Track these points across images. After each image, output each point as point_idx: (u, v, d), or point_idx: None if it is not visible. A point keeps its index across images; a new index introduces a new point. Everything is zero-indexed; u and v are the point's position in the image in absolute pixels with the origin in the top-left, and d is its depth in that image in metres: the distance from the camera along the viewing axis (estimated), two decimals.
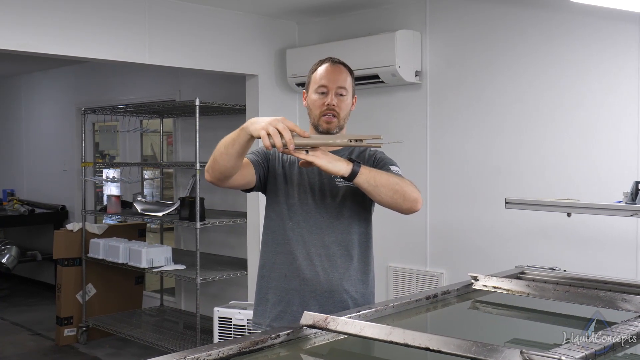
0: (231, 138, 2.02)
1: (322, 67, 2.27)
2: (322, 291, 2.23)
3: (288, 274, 2.24)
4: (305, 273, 2.23)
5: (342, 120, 2.25)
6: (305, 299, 2.22)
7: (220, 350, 1.59)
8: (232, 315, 4.28)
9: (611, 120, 3.53)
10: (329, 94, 2.22)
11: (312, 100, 2.26)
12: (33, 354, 5.49)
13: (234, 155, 2.03)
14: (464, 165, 4.14)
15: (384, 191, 2.05)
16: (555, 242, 3.71)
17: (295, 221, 2.25)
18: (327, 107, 2.22)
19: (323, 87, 2.23)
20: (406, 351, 1.61)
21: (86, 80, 7.32)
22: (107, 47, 4.06)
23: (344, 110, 2.25)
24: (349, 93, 2.27)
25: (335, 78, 2.23)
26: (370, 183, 2.04)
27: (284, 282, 2.25)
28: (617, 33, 3.48)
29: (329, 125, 2.23)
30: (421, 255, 4.35)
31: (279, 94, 4.94)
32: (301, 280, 2.23)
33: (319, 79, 2.25)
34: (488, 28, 4.02)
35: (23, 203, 7.73)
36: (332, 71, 2.25)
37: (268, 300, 2.29)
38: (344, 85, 2.24)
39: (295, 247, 2.24)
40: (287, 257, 2.25)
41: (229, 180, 2.13)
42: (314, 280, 2.22)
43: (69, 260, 5.68)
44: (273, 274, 2.28)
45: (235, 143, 2.00)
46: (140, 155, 7.01)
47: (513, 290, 2.30)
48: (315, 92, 2.25)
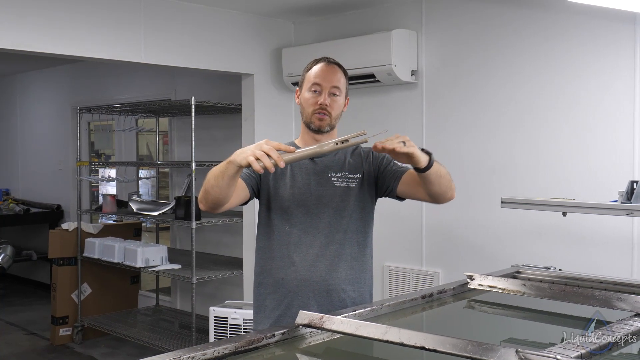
0: (220, 170, 2.01)
1: (317, 66, 2.27)
2: (320, 291, 2.21)
3: (285, 278, 2.23)
4: (304, 275, 2.21)
5: (333, 119, 2.25)
6: (304, 300, 2.20)
7: (215, 349, 1.59)
8: (228, 315, 4.27)
9: (606, 120, 3.53)
10: (322, 93, 2.22)
11: (305, 98, 2.26)
12: (28, 354, 5.47)
13: (224, 186, 2.03)
14: (459, 164, 4.14)
15: (443, 182, 2.09)
16: (551, 241, 3.71)
17: (292, 223, 2.24)
18: (319, 106, 2.22)
19: (317, 85, 2.23)
20: (402, 350, 1.60)
21: (82, 80, 7.30)
22: (102, 46, 4.05)
23: (336, 110, 2.25)
24: (342, 93, 2.27)
25: (329, 78, 2.24)
26: (437, 174, 2.05)
27: (281, 286, 2.24)
28: (612, 32, 3.48)
29: (320, 123, 2.23)
30: (417, 254, 4.36)
31: (275, 93, 4.93)
32: (299, 282, 2.21)
33: (313, 77, 2.25)
34: (484, 28, 4.02)
35: (18, 202, 7.71)
36: (327, 71, 2.25)
37: (266, 306, 2.27)
38: (338, 85, 2.24)
39: (293, 249, 2.23)
40: (283, 261, 2.24)
41: (225, 206, 2.13)
42: (312, 281, 2.21)
43: (64, 259, 5.66)
44: (270, 280, 2.26)
45: (224, 175, 2.00)
46: (136, 155, 7.00)
47: (509, 290, 2.31)
48: (308, 91, 2.25)
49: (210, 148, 5.69)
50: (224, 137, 5.64)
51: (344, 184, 2.25)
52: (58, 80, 7.68)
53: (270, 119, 4.88)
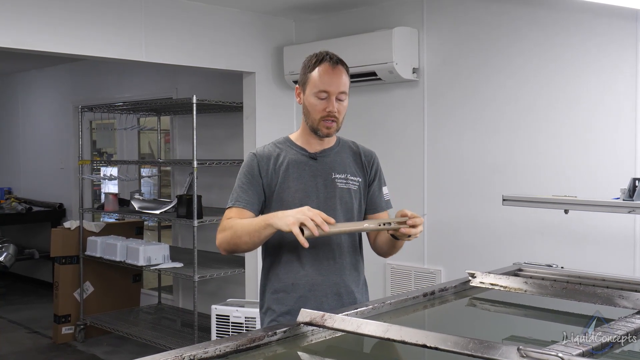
0: (255, 229, 2.07)
1: (322, 68, 2.19)
2: (332, 294, 2.20)
3: (296, 282, 2.20)
4: (315, 278, 2.19)
5: (340, 123, 2.23)
6: (317, 304, 2.17)
7: (217, 347, 1.59)
8: (230, 313, 4.27)
9: (608, 117, 3.53)
10: (329, 100, 2.17)
11: (311, 104, 2.19)
12: (30, 352, 5.49)
13: (258, 243, 2.13)
14: (461, 162, 4.14)
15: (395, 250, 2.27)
16: (553, 239, 3.71)
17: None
18: (327, 113, 2.17)
19: (324, 92, 2.17)
20: (403, 348, 1.60)
21: (83, 78, 7.30)
22: (104, 45, 4.06)
23: (342, 114, 2.22)
24: (347, 95, 2.23)
25: (337, 83, 2.17)
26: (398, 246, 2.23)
27: (292, 290, 2.20)
28: (614, 30, 3.48)
29: (328, 131, 2.20)
30: (418, 252, 4.35)
31: (276, 91, 4.93)
32: (311, 286, 2.19)
33: (319, 83, 2.17)
34: (485, 25, 4.02)
35: (20, 201, 7.72)
36: (333, 74, 2.18)
37: (274, 311, 2.23)
38: (345, 90, 2.20)
39: (302, 253, 2.18)
40: (293, 265, 2.21)
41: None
42: (324, 285, 2.19)
43: (66, 258, 5.67)
44: (278, 285, 2.23)
45: (261, 236, 2.08)
46: (138, 153, 7.00)
47: (510, 287, 2.30)
48: (314, 96, 2.18)
49: (212, 146, 5.69)
50: (226, 136, 5.64)
51: (347, 185, 2.24)
52: (60, 79, 7.68)
53: (271, 117, 4.88)
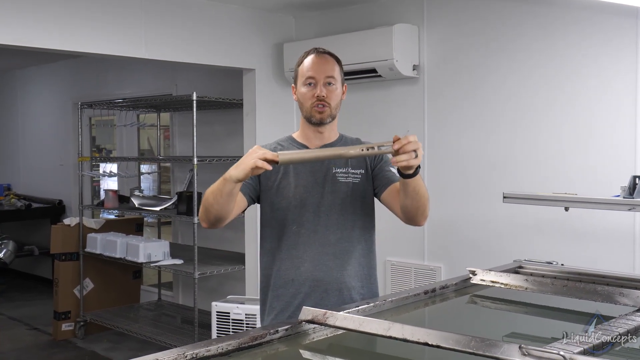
0: (217, 189, 2.02)
1: (308, 58, 2.23)
2: (332, 290, 2.19)
3: (295, 278, 2.20)
4: (315, 274, 2.19)
5: (333, 109, 2.21)
6: (317, 300, 2.16)
7: (219, 345, 1.59)
8: (230, 310, 4.28)
9: (608, 115, 3.53)
10: (317, 85, 2.18)
11: (301, 93, 2.22)
12: (30, 349, 5.49)
13: (224, 203, 2.04)
14: (461, 159, 4.14)
15: (419, 200, 2.02)
16: (553, 236, 3.71)
17: (300, 223, 2.20)
18: (316, 98, 2.18)
19: (311, 78, 2.19)
20: (405, 346, 1.61)
21: (83, 75, 7.29)
22: (103, 41, 4.05)
23: (334, 100, 2.21)
24: (338, 82, 2.22)
25: (322, 68, 2.19)
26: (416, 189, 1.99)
27: (291, 287, 2.20)
28: (614, 27, 3.47)
29: (321, 116, 2.20)
30: (419, 249, 4.36)
31: (276, 88, 4.93)
32: (311, 282, 2.19)
33: (305, 71, 2.21)
34: (485, 22, 4.01)
35: (20, 198, 7.71)
36: (318, 61, 2.21)
37: (274, 307, 2.23)
38: (332, 74, 2.20)
39: (302, 249, 2.19)
40: (293, 261, 2.20)
41: (226, 221, 2.14)
42: (324, 281, 2.19)
43: (66, 254, 5.67)
44: (279, 282, 2.22)
45: (222, 193, 2.01)
46: (137, 150, 6.99)
47: (511, 285, 2.30)
48: (303, 85, 2.21)
49: (212, 143, 5.69)
50: (226, 132, 5.63)
51: (349, 179, 2.22)
52: (59, 76, 7.67)
53: (271, 114, 4.88)
